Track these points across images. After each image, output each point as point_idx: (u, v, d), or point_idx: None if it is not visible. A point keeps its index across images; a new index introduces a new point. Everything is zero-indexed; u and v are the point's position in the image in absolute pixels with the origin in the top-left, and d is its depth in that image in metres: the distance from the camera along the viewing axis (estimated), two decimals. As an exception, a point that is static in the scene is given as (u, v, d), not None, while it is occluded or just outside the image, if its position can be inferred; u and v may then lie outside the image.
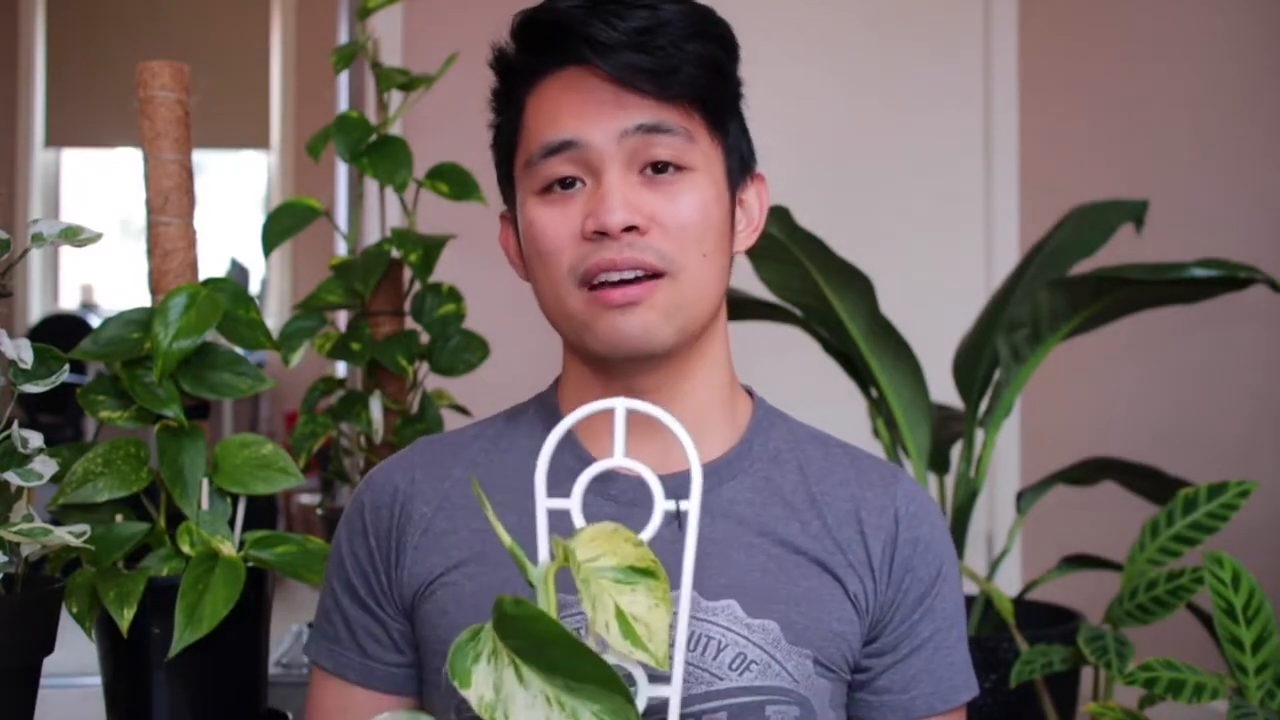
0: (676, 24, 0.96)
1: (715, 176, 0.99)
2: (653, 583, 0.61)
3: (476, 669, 0.58)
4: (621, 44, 0.94)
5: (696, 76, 0.97)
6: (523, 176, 0.99)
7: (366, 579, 1.03)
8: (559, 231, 0.96)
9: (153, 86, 1.21)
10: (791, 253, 1.80)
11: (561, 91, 0.98)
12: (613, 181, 0.95)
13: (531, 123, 0.99)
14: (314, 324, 1.57)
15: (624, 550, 0.62)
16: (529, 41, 1.00)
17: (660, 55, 0.95)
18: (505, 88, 1.03)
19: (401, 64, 2.77)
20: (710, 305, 1.00)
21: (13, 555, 1.03)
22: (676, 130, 0.96)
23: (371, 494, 1.05)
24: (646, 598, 0.61)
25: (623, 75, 0.94)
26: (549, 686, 0.57)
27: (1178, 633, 1.94)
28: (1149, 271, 1.80)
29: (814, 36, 3.11)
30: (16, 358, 1.05)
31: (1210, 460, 2.85)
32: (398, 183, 1.53)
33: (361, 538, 1.04)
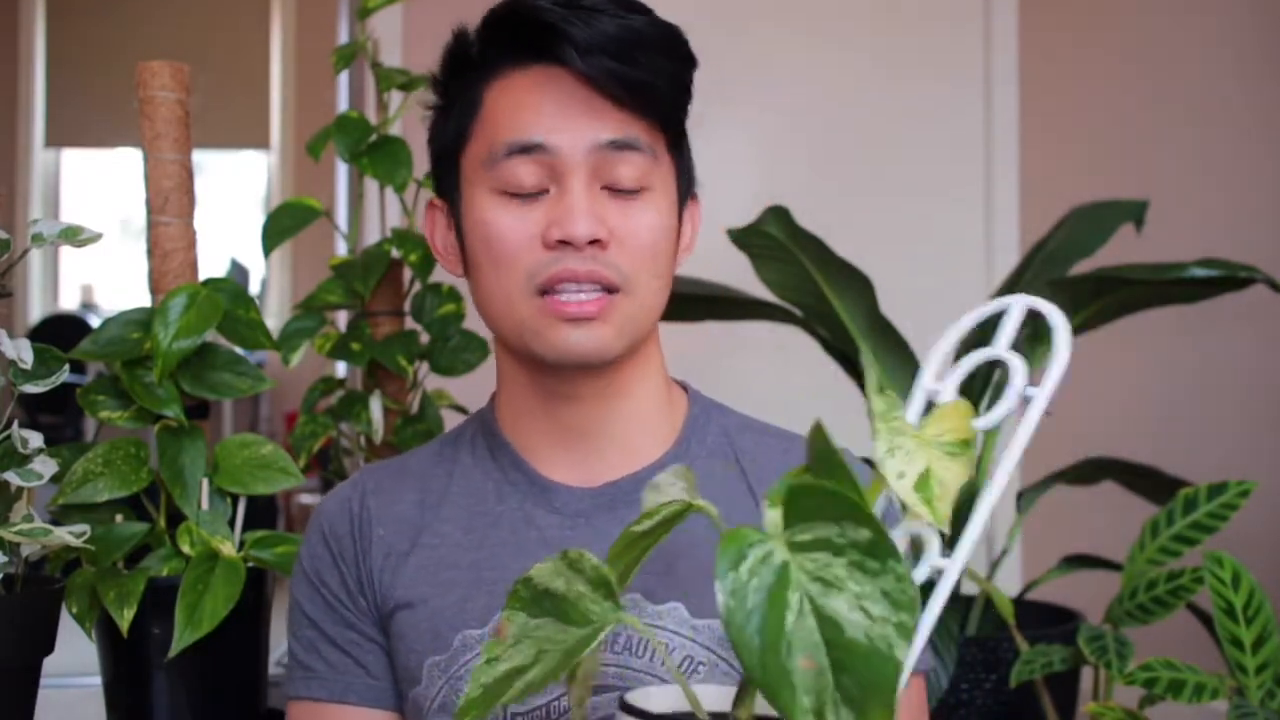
0: (649, 37, 0.95)
1: (670, 196, 0.99)
2: (970, 453, 0.64)
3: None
4: (601, 48, 0.93)
5: (667, 95, 0.97)
6: (477, 170, 0.97)
7: (343, 603, 1.02)
8: (518, 236, 0.95)
9: (153, 86, 1.21)
10: (791, 253, 1.81)
11: (531, 89, 0.96)
12: (579, 191, 0.94)
13: (494, 116, 0.97)
14: (314, 324, 1.57)
15: (962, 425, 0.65)
16: (500, 32, 0.98)
17: (637, 68, 0.94)
18: (459, 75, 1.01)
19: (401, 64, 2.77)
20: (656, 319, 1.01)
21: (13, 555, 1.03)
22: (644, 148, 0.96)
23: (329, 521, 1.04)
24: (960, 466, 0.62)
25: (597, 78, 0.93)
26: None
27: (1178, 633, 1.93)
28: (1149, 271, 1.80)
29: (814, 37, 3.11)
30: (16, 358, 1.05)
31: (1210, 460, 2.85)
32: (398, 183, 1.53)
33: (331, 566, 1.02)
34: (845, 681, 0.51)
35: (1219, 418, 3.09)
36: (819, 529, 0.54)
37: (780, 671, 0.51)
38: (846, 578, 0.53)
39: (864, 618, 0.52)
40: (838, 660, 0.51)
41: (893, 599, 0.52)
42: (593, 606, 0.60)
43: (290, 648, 1.05)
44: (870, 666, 0.51)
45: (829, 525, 0.54)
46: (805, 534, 0.54)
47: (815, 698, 0.51)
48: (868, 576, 0.53)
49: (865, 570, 0.53)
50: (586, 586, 0.60)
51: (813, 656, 0.52)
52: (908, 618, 0.52)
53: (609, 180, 0.95)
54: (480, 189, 0.97)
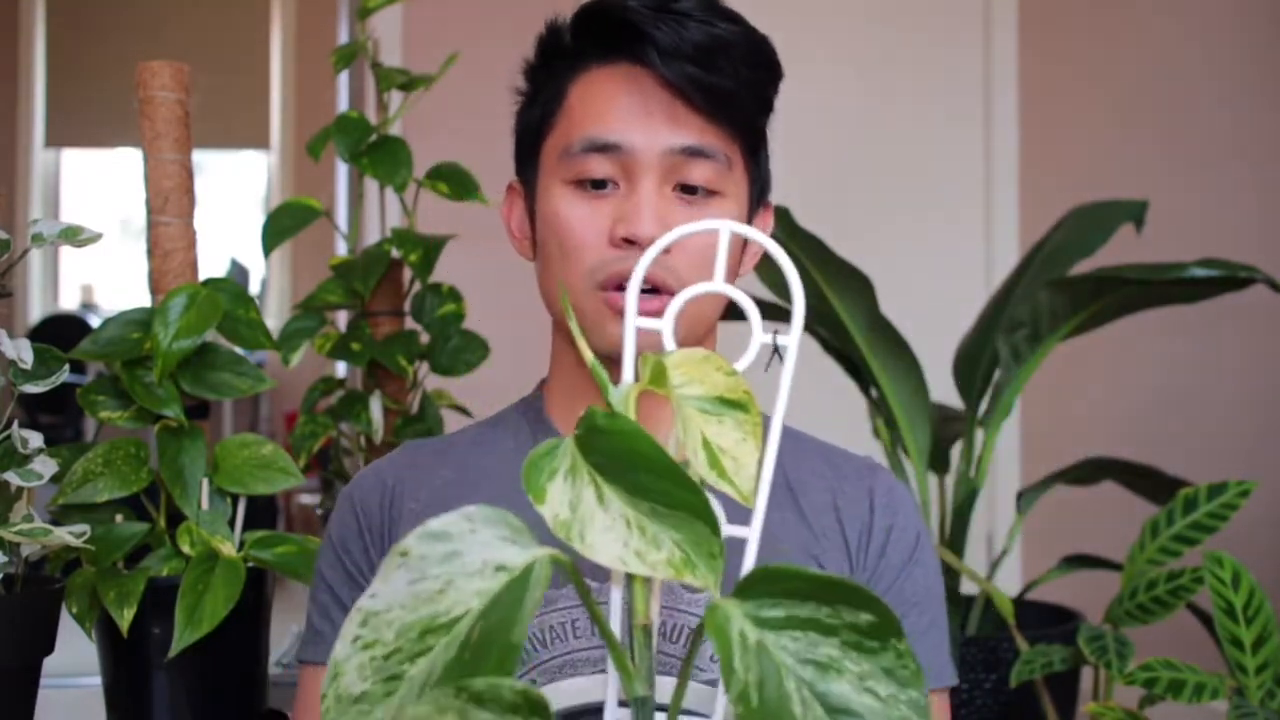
0: (737, 47, 0.96)
1: (741, 203, 1.00)
2: (742, 415, 0.57)
3: (552, 485, 0.54)
4: (685, 54, 0.94)
5: (747, 104, 0.98)
6: (554, 162, 0.99)
7: (363, 573, 1.03)
8: (586, 230, 0.96)
9: (153, 86, 1.21)
10: (792, 253, 1.81)
11: (614, 87, 0.97)
12: (648, 192, 0.95)
13: (576, 110, 0.98)
14: (314, 324, 1.57)
15: (714, 379, 0.59)
16: (589, 28, 1.00)
17: (718, 75, 0.95)
18: (548, 64, 1.02)
19: (401, 64, 2.77)
20: (713, 324, 1.02)
21: (13, 555, 1.03)
22: (718, 156, 0.97)
23: (361, 492, 1.05)
24: (735, 431, 0.57)
25: (680, 85, 0.94)
26: (632, 510, 0.53)
27: (1178, 633, 1.93)
28: (1149, 271, 1.80)
29: (813, 38, 3.11)
30: (16, 358, 1.05)
31: (1210, 460, 2.85)
32: (398, 183, 1.53)
33: (356, 535, 1.03)
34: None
35: (1219, 418, 3.09)
36: (798, 608, 0.51)
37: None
38: (842, 658, 0.50)
39: (875, 700, 0.49)
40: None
41: (897, 677, 0.49)
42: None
43: (307, 611, 1.06)
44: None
45: (815, 606, 0.51)
46: (775, 610, 0.51)
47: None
48: (865, 656, 0.50)
49: (863, 650, 0.50)
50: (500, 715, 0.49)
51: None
52: (917, 694, 0.49)
53: (680, 180, 0.96)
54: (555, 180, 0.99)
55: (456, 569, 0.52)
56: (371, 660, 0.52)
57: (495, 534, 0.53)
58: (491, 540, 0.52)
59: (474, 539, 0.52)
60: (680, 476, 0.52)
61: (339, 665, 0.52)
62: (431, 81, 1.60)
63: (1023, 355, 1.90)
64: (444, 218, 1.76)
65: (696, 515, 0.52)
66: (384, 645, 0.52)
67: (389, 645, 0.52)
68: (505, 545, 0.53)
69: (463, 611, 0.52)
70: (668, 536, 0.52)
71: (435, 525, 0.52)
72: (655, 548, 0.52)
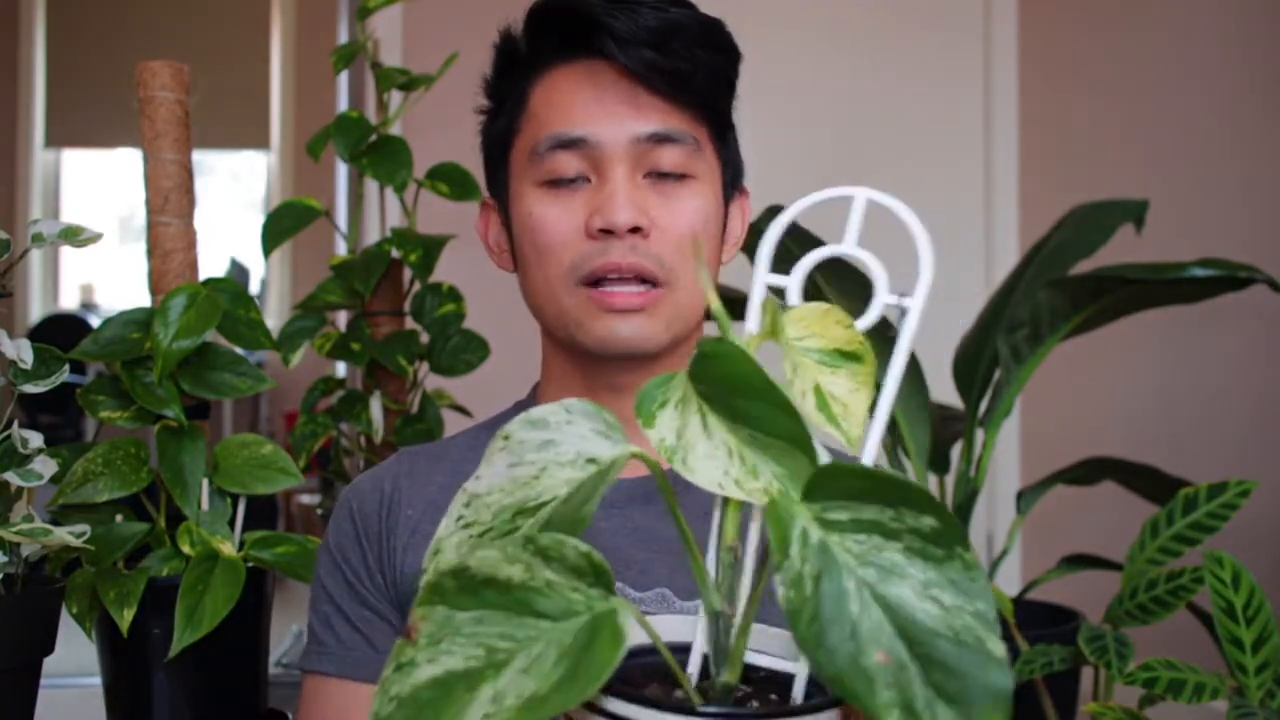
0: (690, 29, 0.96)
1: (714, 187, 1.00)
2: (857, 366, 0.58)
3: (663, 413, 0.55)
4: (641, 40, 0.94)
5: (707, 85, 0.97)
6: (524, 165, 0.99)
7: (361, 580, 1.03)
8: (561, 227, 0.96)
9: (153, 86, 1.21)
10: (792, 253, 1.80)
11: (575, 84, 0.97)
12: (620, 180, 0.95)
13: (540, 112, 0.98)
14: (314, 324, 1.57)
15: (834, 332, 0.59)
16: (544, 28, 1.00)
17: (676, 58, 0.95)
18: (507, 74, 1.03)
19: (401, 64, 2.77)
20: (701, 311, 1.01)
21: (13, 555, 1.03)
22: (686, 140, 0.97)
23: (358, 499, 1.05)
24: (849, 381, 0.58)
25: (639, 71, 0.95)
26: (733, 437, 0.53)
27: (1178, 633, 1.94)
28: (1149, 271, 1.80)
29: (813, 38, 3.11)
30: (16, 358, 1.05)
31: (1210, 460, 2.85)
32: (398, 183, 1.53)
33: (354, 543, 1.04)
34: (936, 677, 0.47)
35: (1219, 418, 3.09)
36: (862, 510, 0.50)
37: (854, 669, 0.47)
38: (906, 564, 0.49)
39: (937, 607, 0.48)
40: (924, 655, 0.47)
41: (961, 587, 0.48)
42: (574, 595, 0.51)
43: (309, 619, 1.07)
44: (964, 661, 0.47)
45: (879, 508, 0.50)
46: (840, 513, 0.50)
47: (898, 693, 0.47)
48: (931, 564, 0.49)
49: (928, 557, 0.49)
50: (563, 574, 0.51)
51: (888, 650, 0.47)
52: (985, 607, 0.48)
53: (651, 167, 0.96)
54: (526, 183, 0.98)
55: (551, 457, 0.55)
56: (469, 539, 0.55)
57: (590, 427, 0.56)
58: (586, 433, 0.55)
59: (570, 430, 0.55)
60: (780, 400, 0.52)
61: (441, 542, 0.55)
62: (431, 81, 1.60)
63: (1023, 355, 1.90)
64: (444, 218, 1.76)
65: (796, 445, 0.52)
66: (480, 525, 0.55)
67: (485, 525, 0.55)
68: (598, 438, 0.55)
69: (551, 498, 0.54)
70: (767, 467, 0.52)
71: (535, 413, 0.56)
72: (754, 476, 0.52)
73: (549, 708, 0.47)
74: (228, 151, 6.09)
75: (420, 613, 0.50)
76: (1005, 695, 0.46)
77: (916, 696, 0.46)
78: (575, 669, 0.48)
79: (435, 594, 0.50)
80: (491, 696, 0.48)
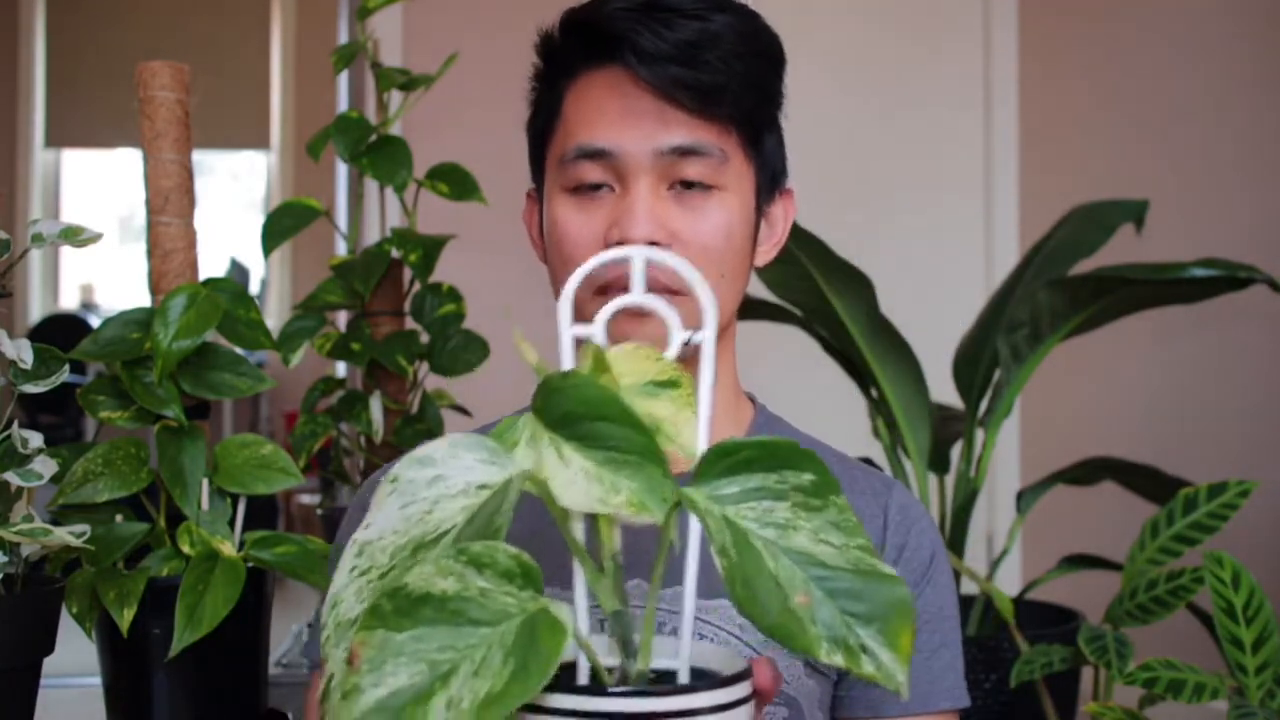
0: (727, 39, 0.94)
1: (744, 195, 0.99)
2: (674, 391, 0.63)
3: (516, 453, 0.59)
4: (668, 55, 0.93)
5: (740, 96, 0.96)
6: (554, 171, 0.99)
7: None
8: (582, 235, 0.96)
9: (153, 86, 1.21)
10: (792, 253, 1.81)
11: (603, 93, 0.97)
12: (641, 194, 0.94)
13: (570, 118, 0.98)
14: (314, 324, 1.57)
15: (645, 367, 0.64)
16: (574, 36, 0.99)
17: (706, 71, 0.93)
18: (547, 73, 1.02)
19: (401, 64, 2.77)
20: (731, 312, 1.01)
21: (13, 555, 1.03)
22: (712, 152, 0.95)
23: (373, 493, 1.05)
24: (670, 404, 0.63)
25: (664, 88, 0.93)
26: (589, 461, 0.58)
27: (1178, 633, 1.94)
28: (1149, 271, 1.81)
29: (813, 36, 3.11)
30: (16, 358, 1.05)
31: (1210, 460, 2.85)
32: (398, 183, 1.53)
33: None
34: (852, 606, 0.56)
35: (1219, 418, 3.09)
36: (749, 479, 0.58)
37: (785, 614, 0.55)
38: (794, 518, 0.57)
39: (830, 548, 0.57)
40: (833, 589, 0.56)
41: (842, 528, 0.57)
42: (507, 599, 0.54)
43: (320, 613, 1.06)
44: (866, 586, 0.56)
45: (764, 474, 0.58)
46: (730, 487, 0.58)
47: (823, 626, 0.55)
48: (814, 513, 0.57)
49: (810, 509, 0.57)
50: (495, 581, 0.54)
51: (805, 592, 0.56)
52: (864, 540, 0.57)
53: (676, 178, 0.96)
54: (556, 188, 0.99)
55: (441, 490, 0.57)
56: (368, 584, 0.56)
57: (475, 457, 0.58)
58: (472, 463, 0.58)
59: (456, 463, 0.58)
60: (633, 419, 0.57)
61: (338, 595, 0.56)
62: (431, 81, 1.60)
63: (1023, 355, 1.90)
64: (444, 218, 1.76)
65: (648, 459, 0.57)
66: (378, 568, 0.56)
67: (383, 567, 0.56)
68: (485, 466, 0.58)
69: (451, 526, 0.57)
70: (624, 484, 0.57)
71: (420, 452, 0.58)
72: (615, 493, 0.57)
73: (508, 701, 0.50)
74: (228, 151, 6.09)
75: (360, 638, 0.51)
76: (907, 603, 0.56)
77: (838, 625, 0.55)
78: (525, 662, 0.52)
79: (374, 617, 0.52)
80: (446, 703, 0.50)
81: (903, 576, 0.99)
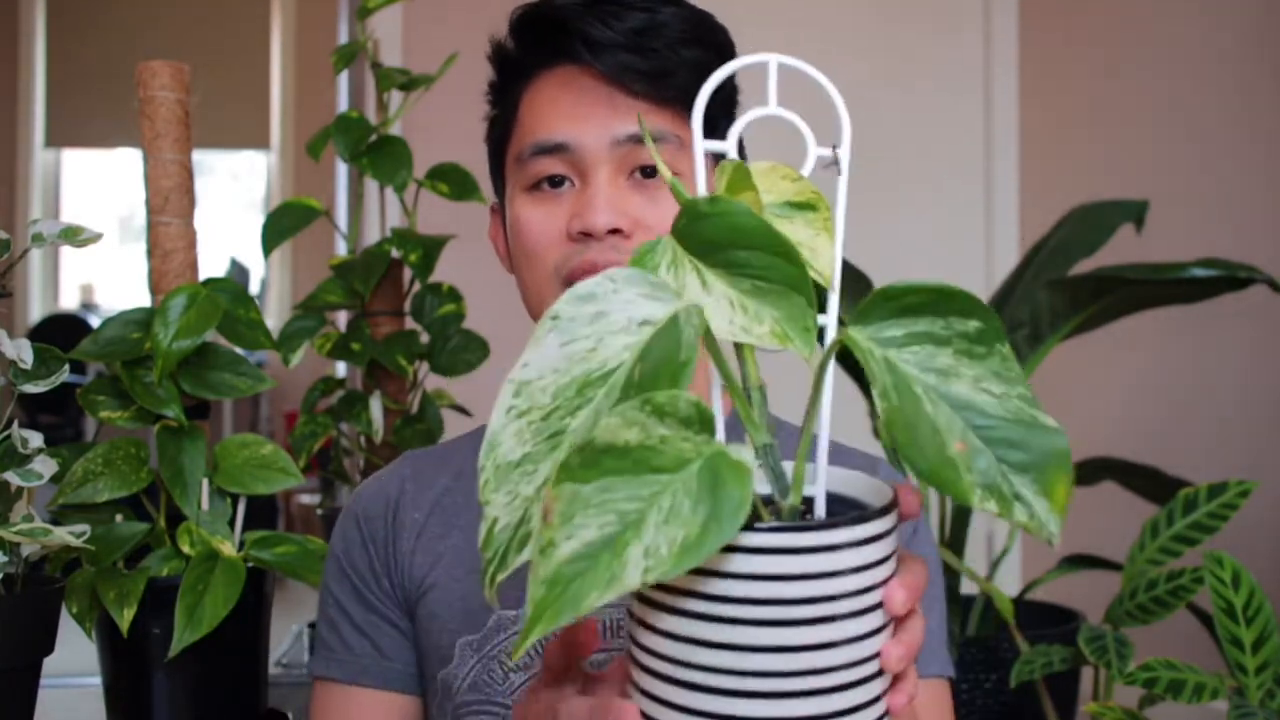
0: (673, 27, 0.97)
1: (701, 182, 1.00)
2: (812, 214, 0.62)
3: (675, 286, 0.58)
4: (616, 44, 0.95)
5: (689, 83, 0.97)
6: (513, 171, 1.00)
7: (369, 585, 1.04)
8: (545, 230, 0.97)
9: (153, 86, 1.21)
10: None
11: (556, 90, 0.98)
12: (600, 184, 0.96)
13: (525, 118, 1.00)
14: (314, 324, 1.57)
15: (781, 187, 0.63)
16: (526, 37, 1.01)
17: (655, 58, 0.96)
18: (501, 81, 1.04)
19: (401, 64, 2.77)
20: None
21: (13, 555, 1.03)
22: (668, 138, 0.97)
23: (364, 504, 1.06)
24: (807, 228, 0.62)
25: (616, 75, 0.95)
26: (734, 290, 0.57)
27: (1178, 633, 1.94)
28: (1149, 271, 1.81)
29: (813, 37, 3.11)
30: (16, 358, 1.05)
31: (1210, 460, 2.85)
32: (398, 183, 1.53)
33: (360, 548, 1.05)
34: (1009, 455, 0.56)
35: (1219, 418, 3.09)
36: (915, 324, 0.57)
37: (941, 461, 0.55)
38: (957, 365, 0.57)
39: (990, 397, 0.56)
40: (990, 437, 0.56)
41: (1004, 377, 0.57)
42: (684, 444, 0.54)
43: (318, 622, 1.07)
44: (1024, 435, 0.56)
45: (930, 319, 0.57)
46: (895, 330, 0.57)
47: (979, 474, 0.55)
48: (976, 361, 0.57)
49: (973, 356, 0.57)
50: (675, 428, 0.54)
51: (963, 439, 0.56)
52: (1025, 390, 0.57)
53: (634, 166, 0.97)
54: (516, 189, 1.00)
55: (604, 327, 0.56)
56: (529, 425, 0.55)
57: (637, 291, 0.57)
58: (634, 298, 0.57)
59: (618, 298, 0.57)
60: (780, 245, 0.56)
61: (495, 436, 0.55)
62: (431, 81, 1.60)
63: (1023, 355, 1.90)
64: (444, 218, 1.76)
65: (794, 289, 0.56)
66: (540, 409, 0.55)
67: (546, 407, 0.55)
68: (648, 301, 0.57)
69: (617, 364, 0.56)
70: (768, 313, 0.57)
71: (581, 288, 0.57)
72: (758, 322, 0.57)
73: (705, 547, 0.51)
74: (228, 151, 6.09)
75: (552, 494, 0.52)
76: (1065, 455, 0.56)
77: (994, 473, 0.55)
78: (715, 507, 0.52)
79: (562, 472, 0.52)
80: (643, 552, 0.51)
81: None
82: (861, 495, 0.65)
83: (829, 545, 0.57)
